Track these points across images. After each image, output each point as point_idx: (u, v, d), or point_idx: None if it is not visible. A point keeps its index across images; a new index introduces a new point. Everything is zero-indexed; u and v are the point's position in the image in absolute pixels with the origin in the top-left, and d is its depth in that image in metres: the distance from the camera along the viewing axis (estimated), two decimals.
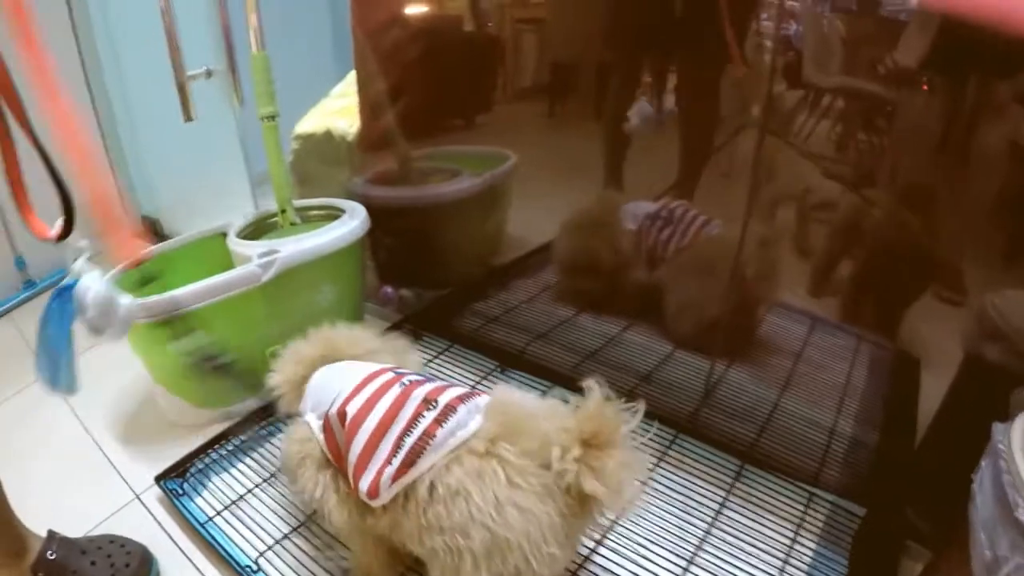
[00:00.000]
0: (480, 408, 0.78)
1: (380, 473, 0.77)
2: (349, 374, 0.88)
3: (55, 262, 1.92)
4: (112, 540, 0.99)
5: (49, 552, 0.91)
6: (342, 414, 0.83)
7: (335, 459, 0.85)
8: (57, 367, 0.90)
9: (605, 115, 1.19)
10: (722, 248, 1.13)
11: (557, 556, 0.71)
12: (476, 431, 0.75)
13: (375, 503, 0.78)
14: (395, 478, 0.75)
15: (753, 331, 1.20)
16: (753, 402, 1.17)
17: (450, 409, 0.77)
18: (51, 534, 0.95)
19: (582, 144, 1.24)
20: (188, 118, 1.47)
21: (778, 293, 1.13)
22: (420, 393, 0.80)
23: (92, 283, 0.91)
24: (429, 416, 0.77)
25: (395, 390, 0.82)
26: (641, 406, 0.73)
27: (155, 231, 2.12)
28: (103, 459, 1.25)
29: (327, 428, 0.86)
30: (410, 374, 0.87)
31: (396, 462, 0.76)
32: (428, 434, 0.75)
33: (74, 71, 1.91)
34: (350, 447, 0.80)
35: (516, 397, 0.80)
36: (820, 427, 1.12)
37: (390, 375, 0.86)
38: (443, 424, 0.76)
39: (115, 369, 1.48)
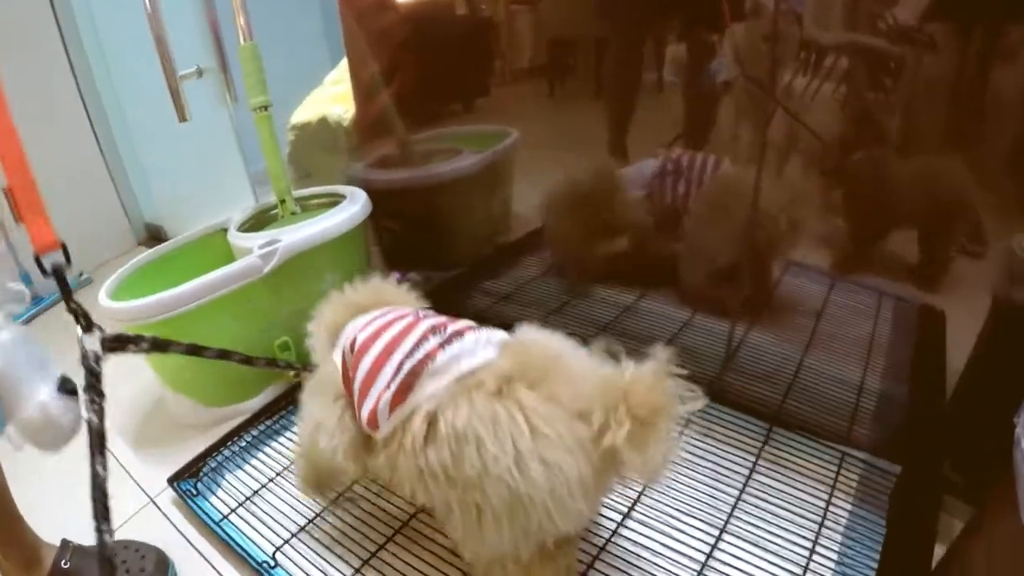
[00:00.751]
0: (494, 342, 0.72)
1: (378, 399, 0.71)
2: (377, 314, 0.82)
3: None
4: (127, 546, 0.96)
5: (63, 561, 0.88)
6: (352, 342, 0.78)
7: (346, 391, 0.79)
8: None
9: (606, 85, 1.15)
10: (740, 184, 1.07)
11: (583, 511, 0.66)
12: (486, 364, 0.69)
13: (376, 435, 0.73)
14: (392, 405, 0.70)
15: (773, 276, 1.16)
16: (777, 364, 1.13)
17: (457, 335, 0.72)
18: (65, 543, 0.92)
19: (583, 119, 1.20)
20: (183, 118, 1.43)
21: (799, 233, 1.08)
22: (431, 322, 0.75)
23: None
24: (434, 341, 0.71)
25: (407, 320, 0.77)
26: (702, 396, 0.67)
27: (158, 238, 2.10)
28: (115, 465, 1.22)
29: (343, 362, 0.80)
30: (434, 316, 0.81)
31: (394, 386, 0.70)
32: (429, 356, 0.70)
33: (66, 83, 1.89)
34: (355, 374, 0.75)
35: (543, 337, 0.73)
36: (848, 385, 1.08)
37: (411, 315, 0.80)
38: (446, 348, 0.70)
39: (122, 375, 1.46)
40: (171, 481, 1.10)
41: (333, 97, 1.49)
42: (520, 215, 1.40)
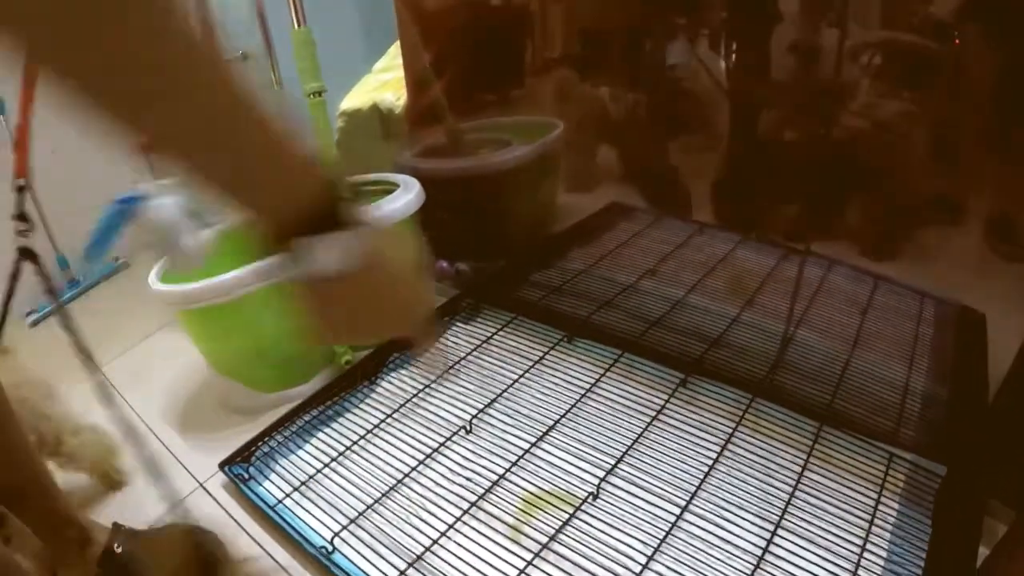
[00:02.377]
0: None
1: None
2: None
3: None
4: (174, 528, 0.96)
5: (116, 545, 0.88)
6: None
7: None
8: (96, 247, 0.96)
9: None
10: None
11: None
12: None
13: None
14: None
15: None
16: (824, 363, 1.13)
17: None
18: (116, 526, 0.92)
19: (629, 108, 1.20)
20: None
21: None
22: None
23: (165, 205, 0.94)
24: None
25: None
26: None
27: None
28: (162, 450, 1.23)
29: None
30: None
31: None
32: None
33: None
34: None
35: None
36: (893, 386, 1.08)
37: None
38: None
39: (167, 359, 1.47)
40: (222, 465, 1.11)
41: (383, 84, 1.49)
42: (567, 206, 1.39)
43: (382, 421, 1.16)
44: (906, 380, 1.09)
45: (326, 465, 1.08)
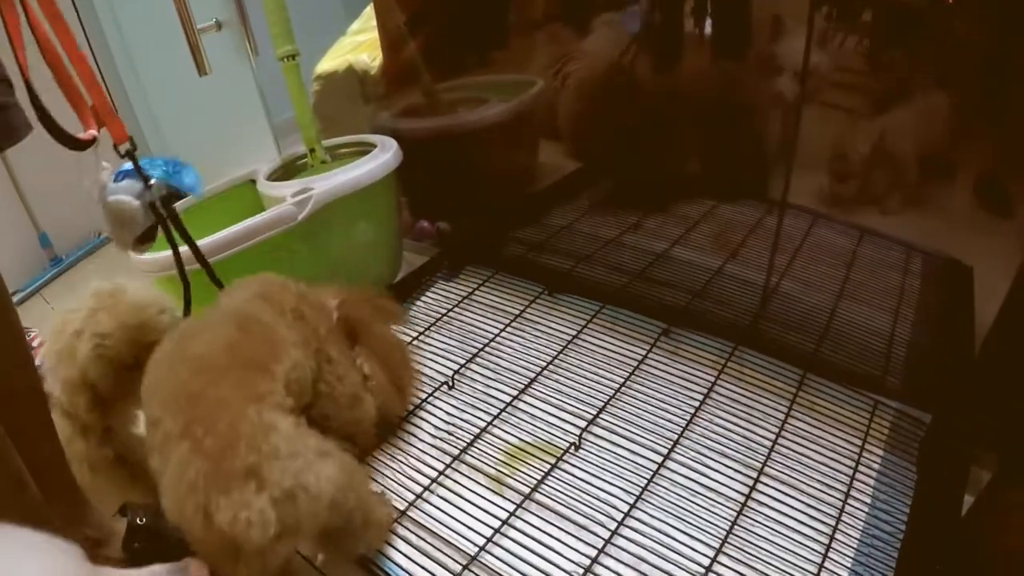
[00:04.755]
0: None
1: None
2: None
3: (82, 236, 1.89)
4: None
5: (138, 519, 0.87)
6: None
7: None
8: None
9: None
10: None
11: None
12: None
13: None
14: None
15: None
16: (809, 312, 1.13)
17: None
18: (123, 506, 0.91)
19: None
20: (203, 72, 1.42)
21: None
22: None
23: (123, 189, 0.92)
24: None
25: None
26: None
27: (180, 194, 2.08)
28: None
29: None
30: None
31: None
32: None
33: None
34: None
35: None
36: (879, 334, 1.08)
37: None
38: None
39: None
40: None
41: (358, 46, 1.47)
42: (546, 164, 1.38)
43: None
44: (892, 329, 1.08)
45: None
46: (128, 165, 0.93)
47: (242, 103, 1.58)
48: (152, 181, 0.93)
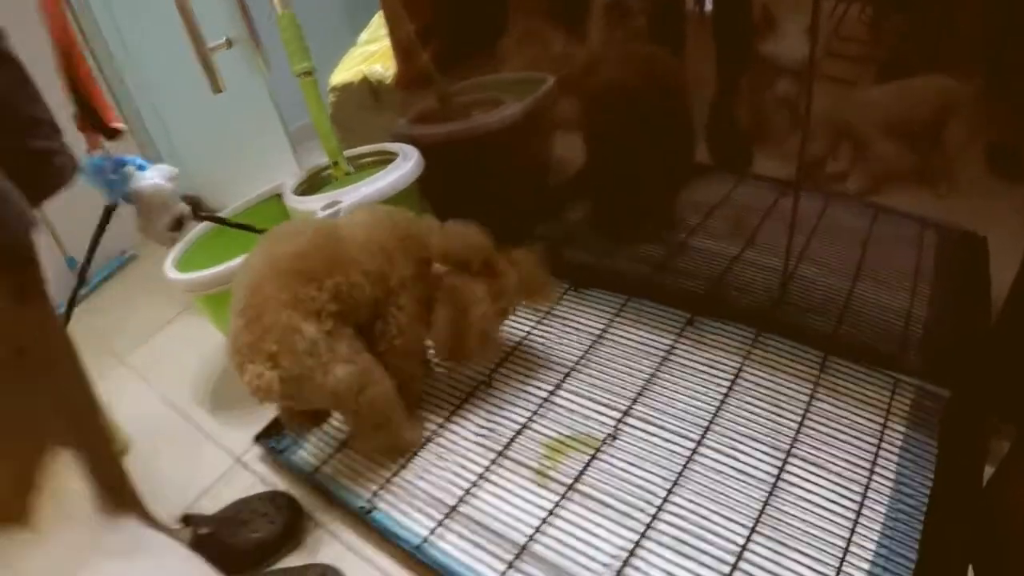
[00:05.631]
0: None
1: None
2: None
3: (106, 256, 1.99)
4: (246, 500, 1.07)
5: (200, 529, 0.98)
6: None
7: None
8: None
9: None
10: None
11: None
12: None
13: None
14: None
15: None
16: (827, 294, 1.21)
17: None
18: (186, 516, 1.01)
19: None
20: (218, 90, 1.50)
21: None
22: None
23: (155, 174, 1.07)
24: None
25: None
26: None
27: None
28: (194, 430, 1.33)
29: None
30: None
31: None
32: None
33: None
34: None
35: None
36: (896, 312, 1.16)
37: None
38: None
39: (188, 345, 1.56)
40: (258, 438, 1.21)
41: (370, 56, 1.56)
42: (564, 156, 1.47)
43: None
44: (909, 306, 1.16)
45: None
46: (132, 157, 1.07)
47: (257, 117, 1.66)
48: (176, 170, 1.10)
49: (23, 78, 0.81)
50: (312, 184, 1.46)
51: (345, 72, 1.56)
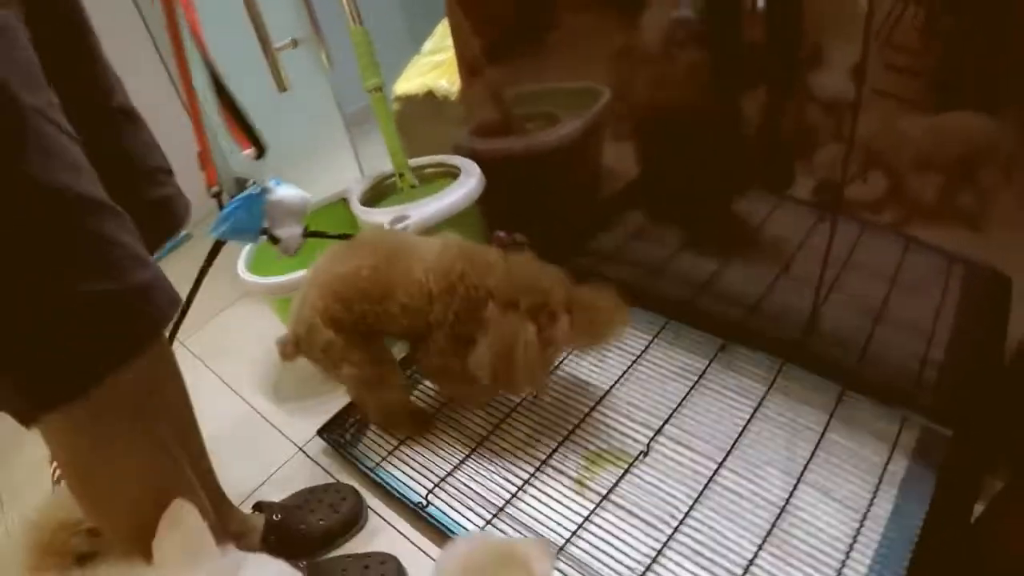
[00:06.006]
0: None
1: None
2: None
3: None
4: (312, 490, 1.23)
5: (274, 515, 1.14)
6: None
7: None
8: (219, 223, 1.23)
9: None
10: None
11: None
12: None
13: None
14: None
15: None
16: (852, 329, 1.32)
17: None
18: (259, 504, 1.18)
19: None
20: (283, 88, 1.63)
21: None
22: None
23: (289, 189, 1.26)
24: None
25: None
26: None
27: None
28: (259, 419, 1.49)
29: None
30: None
31: None
32: None
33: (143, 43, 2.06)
34: None
35: None
36: (914, 351, 1.27)
37: None
38: None
39: (246, 330, 1.71)
40: (321, 432, 1.37)
41: (436, 66, 1.68)
42: (613, 170, 1.59)
43: None
44: (927, 347, 1.26)
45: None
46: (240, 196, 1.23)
47: (320, 117, 1.79)
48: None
49: (143, 130, 0.91)
50: (377, 192, 1.60)
51: (410, 82, 1.68)
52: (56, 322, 0.61)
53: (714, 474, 1.19)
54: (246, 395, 1.56)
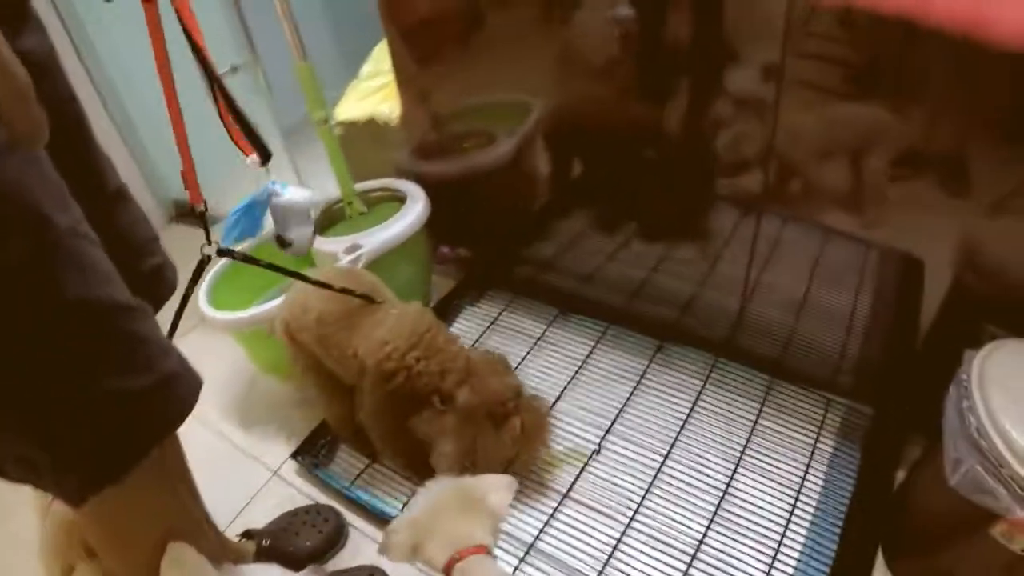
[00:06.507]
0: None
1: None
2: None
3: None
4: (294, 513, 1.34)
5: (263, 541, 1.25)
6: None
7: None
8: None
9: None
10: None
11: None
12: None
13: None
14: None
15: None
16: (776, 322, 1.49)
17: None
18: (248, 532, 1.28)
19: None
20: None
21: None
22: None
23: (295, 191, 1.33)
24: None
25: None
26: None
27: (189, 214, 2.39)
28: (230, 447, 1.59)
29: None
30: None
31: None
32: None
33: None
34: None
35: None
36: (835, 337, 1.43)
37: None
38: None
39: (207, 357, 1.76)
40: (295, 455, 1.49)
41: (374, 91, 1.79)
42: (547, 181, 1.70)
43: None
44: (847, 329, 1.42)
45: None
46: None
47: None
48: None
49: (134, 205, 0.98)
50: (326, 218, 1.71)
51: (350, 107, 1.79)
52: (101, 417, 0.70)
53: (661, 466, 1.36)
54: (214, 422, 1.65)
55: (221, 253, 1.02)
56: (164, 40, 0.92)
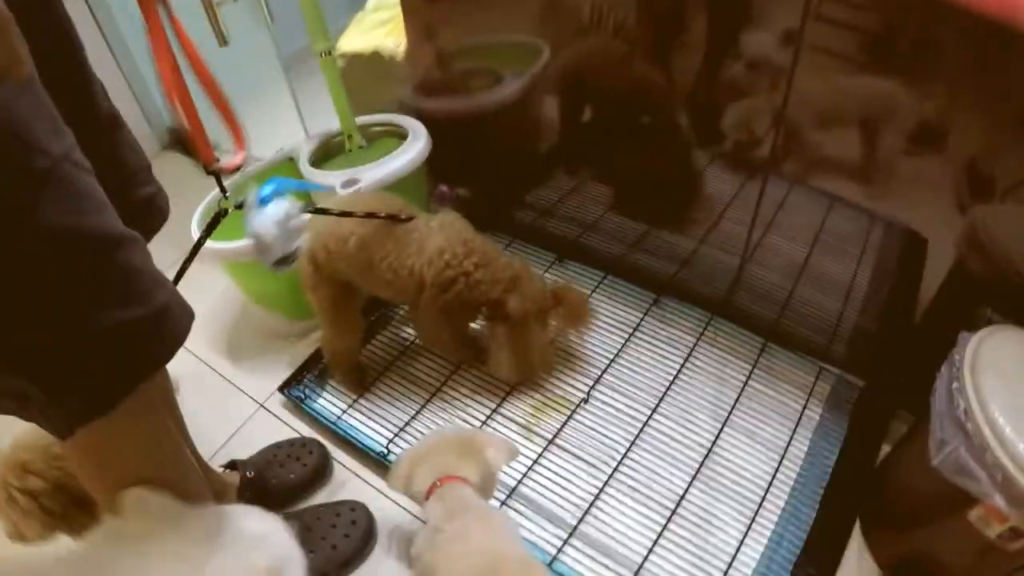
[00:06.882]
0: None
1: None
2: None
3: None
4: (278, 445, 1.37)
5: (247, 473, 1.27)
6: None
7: None
8: None
9: None
10: None
11: None
12: None
13: None
14: None
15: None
16: (775, 285, 1.51)
17: None
18: (232, 462, 1.29)
19: None
20: (223, 43, 1.70)
21: None
22: None
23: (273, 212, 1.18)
24: None
25: None
26: None
27: (182, 142, 2.38)
28: (219, 379, 1.61)
29: None
30: None
31: None
32: None
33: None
34: None
35: None
36: (832, 306, 1.45)
37: None
38: None
39: (197, 291, 1.79)
40: (281, 388, 1.51)
41: (380, 25, 1.77)
42: (552, 126, 1.70)
43: (411, 343, 1.59)
44: (845, 299, 1.44)
45: (372, 382, 1.51)
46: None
47: (261, 70, 1.87)
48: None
49: (127, 132, 0.96)
50: (325, 151, 1.71)
51: (355, 40, 1.77)
52: (94, 349, 0.70)
53: (648, 419, 1.39)
54: (202, 354, 1.67)
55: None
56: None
